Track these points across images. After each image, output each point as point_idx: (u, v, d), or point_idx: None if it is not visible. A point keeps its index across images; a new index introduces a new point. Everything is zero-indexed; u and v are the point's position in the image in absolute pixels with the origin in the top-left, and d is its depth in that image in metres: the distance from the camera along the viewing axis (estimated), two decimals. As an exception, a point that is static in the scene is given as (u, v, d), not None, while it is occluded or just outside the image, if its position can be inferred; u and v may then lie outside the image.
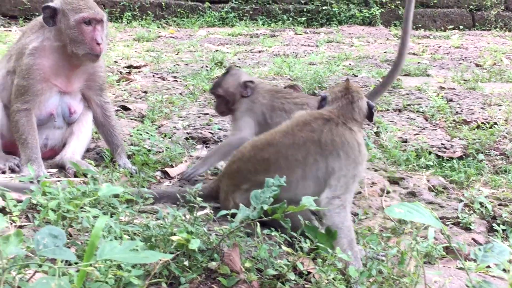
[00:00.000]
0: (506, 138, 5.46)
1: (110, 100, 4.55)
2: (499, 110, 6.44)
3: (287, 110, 4.05)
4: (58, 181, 3.71)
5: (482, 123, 5.85)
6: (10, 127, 4.10)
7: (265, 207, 2.60)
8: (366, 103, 3.38)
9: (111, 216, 3.12)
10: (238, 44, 12.19)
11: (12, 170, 4.01)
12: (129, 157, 4.39)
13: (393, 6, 15.39)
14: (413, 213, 2.38)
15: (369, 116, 3.39)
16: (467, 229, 3.59)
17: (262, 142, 3.29)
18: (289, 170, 3.09)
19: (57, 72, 4.12)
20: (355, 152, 3.13)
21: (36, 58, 4.04)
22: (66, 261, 2.26)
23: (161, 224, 2.69)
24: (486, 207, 3.84)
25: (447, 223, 3.62)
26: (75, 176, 3.96)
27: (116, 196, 3.19)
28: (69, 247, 2.58)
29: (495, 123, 5.82)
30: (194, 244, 2.41)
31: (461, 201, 3.99)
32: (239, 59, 10.06)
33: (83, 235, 2.88)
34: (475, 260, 2.58)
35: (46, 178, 3.69)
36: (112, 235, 2.74)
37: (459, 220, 3.67)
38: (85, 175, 3.73)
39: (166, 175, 4.21)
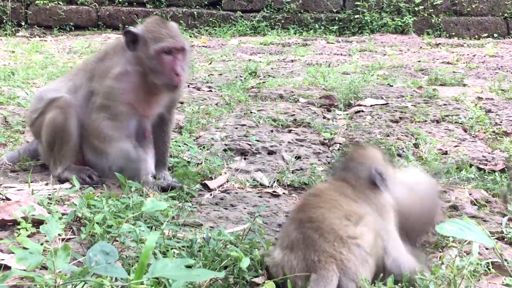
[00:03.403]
0: (548, 150, 5.35)
1: (174, 117, 4.52)
2: (540, 121, 6.31)
3: None
4: (101, 193, 3.74)
5: (523, 134, 5.74)
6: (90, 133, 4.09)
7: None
8: None
9: (155, 230, 3.14)
10: (270, 53, 12.18)
11: (91, 178, 4.04)
12: (169, 169, 4.40)
13: (426, 15, 15.24)
14: (465, 230, 2.35)
15: None
16: (512, 244, 3.53)
17: None
18: None
19: (139, 97, 4.03)
20: None
21: (120, 83, 3.97)
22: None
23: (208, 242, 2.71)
24: (531, 221, 3.76)
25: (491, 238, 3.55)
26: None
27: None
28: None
29: (537, 135, 5.71)
30: (245, 263, 2.41)
31: (504, 215, 3.91)
32: (272, 68, 10.04)
33: (128, 250, 2.89)
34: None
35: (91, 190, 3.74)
36: (157, 249, 2.76)
37: (503, 235, 3.60)
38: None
39: (205, 187, 4.22)
